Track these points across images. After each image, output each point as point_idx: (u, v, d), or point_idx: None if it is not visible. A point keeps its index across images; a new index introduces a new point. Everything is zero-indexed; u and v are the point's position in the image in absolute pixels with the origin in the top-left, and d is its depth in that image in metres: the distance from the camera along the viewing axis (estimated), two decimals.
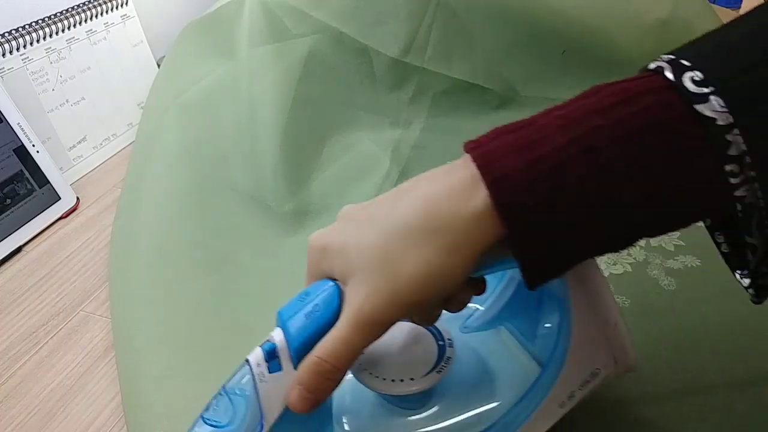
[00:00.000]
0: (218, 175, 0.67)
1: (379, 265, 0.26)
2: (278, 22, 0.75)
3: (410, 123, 0.79)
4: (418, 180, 0.29)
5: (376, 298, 0.26)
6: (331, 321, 0.28)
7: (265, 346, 0.29)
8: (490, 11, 0.77)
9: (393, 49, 0.78)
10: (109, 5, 0.90)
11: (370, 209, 0.29)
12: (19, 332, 0.60)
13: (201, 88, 0.74)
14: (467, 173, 0.26)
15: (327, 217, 0.63)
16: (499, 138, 0.27)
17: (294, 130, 0.69)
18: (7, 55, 0.77)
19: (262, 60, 0.73)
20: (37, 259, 0.70)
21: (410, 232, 0.26)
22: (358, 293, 0.27)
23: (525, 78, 0.81)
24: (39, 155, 0.76)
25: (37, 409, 0.51)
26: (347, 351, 0.27)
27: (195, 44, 0.81)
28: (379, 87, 0.81)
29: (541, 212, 0.24)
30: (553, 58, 0.79)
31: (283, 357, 0.29)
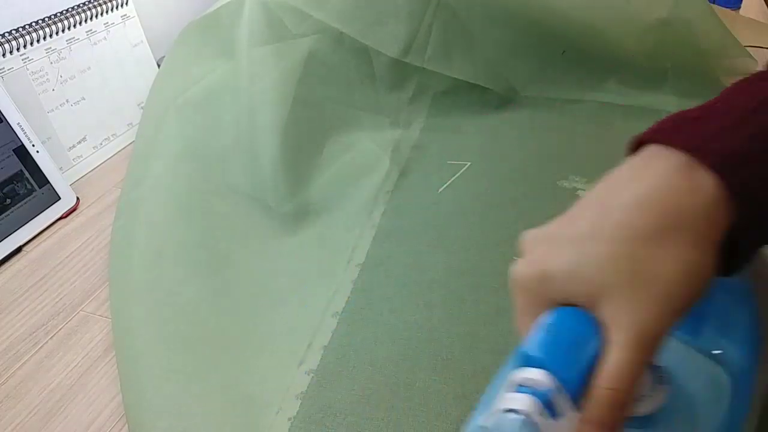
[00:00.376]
0: (218, 175, 0.67)
1: (633, 277, 0.25)
2: (278, 22, 0.75)
3: (410, 123, 0.79)
4: (609, 187, 0.27)
5: (649, 312, 0.24)
6: (597, 349, 0.25)
7: (538, 393, 0.25)
8: (490, 11, 0.77)
9: (393, 49, 0.78)
10: (109, 5, 0.90)
11: (576, 226, 0.27)
12: (19, 332, 0.60)
13: (201, 88, 0.74)
14: (674, 163, 0.25)
15: (327, 217, 0.63)
16: (687, 125, 0.26)
17: (294, 130, 0.69)
18: (7, 55, 0.77)
19: (262, 60, 0.73)
20: (37, 259, 0.70)
21: (649, 237, 0.25)
22: (624, 310, 0.25)
23: (525, 78, 0.81)
24: (39, 155, 0.76)
25: (37, 409, 0.51)
26: (636, 374, 0.25)
27: (195, 44, 0.81)
28: (379, 87, 0.81)
29: None
30: (553, 58, 0.79)
31: (561, 401, 0.25)
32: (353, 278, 0.55)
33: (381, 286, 0.54)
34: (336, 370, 0.46)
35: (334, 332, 0.49)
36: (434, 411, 0.42)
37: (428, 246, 0.58)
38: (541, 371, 0.26)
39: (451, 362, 0.45)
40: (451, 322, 0.49)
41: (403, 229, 0.60)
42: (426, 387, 0.44)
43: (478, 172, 0.67)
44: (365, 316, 0.51)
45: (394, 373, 0.45)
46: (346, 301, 0.52)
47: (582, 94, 0.79)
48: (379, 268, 0.56)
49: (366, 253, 0.58)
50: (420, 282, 0.53)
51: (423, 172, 0.69)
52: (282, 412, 0.43)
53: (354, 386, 0.44)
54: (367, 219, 0.62)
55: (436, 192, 0.65)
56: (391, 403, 0.43)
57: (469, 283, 0.52)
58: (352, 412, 0.42)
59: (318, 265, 0.58)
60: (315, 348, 0.48)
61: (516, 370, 0.27)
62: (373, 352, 0.47)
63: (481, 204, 0.62)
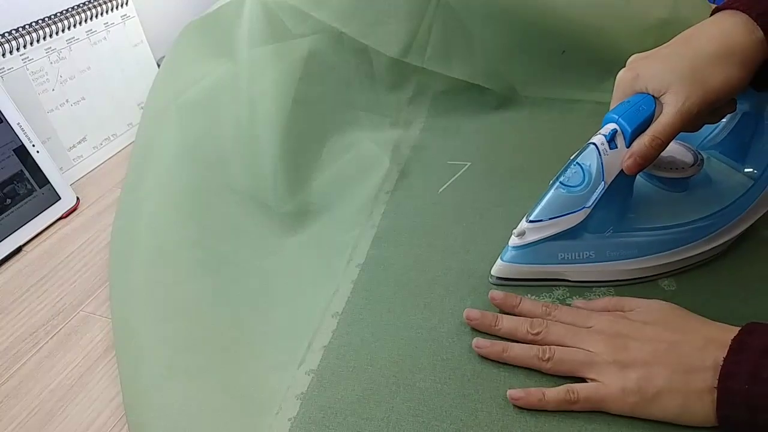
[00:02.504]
0: (218, 175, 0.67)
1: (692, 79, 0.41)
2: (278, 22, 0.75)
3: (410, 123, 0.79)
4: (697, 29, 0.43)
5: (693, 98, 0.41)
6: (650, 116, 0.43)
7: (606, 133, 0.45)
8: (490, 11, 0.77)
9: (393, 49, 0.78)
10: (109, 5, 0.90)
11: (666, 50, 0.44)
12: (19, 332, 0.60)
13: (201, 88, 0.74)
14: (739, 18, 0.41)
15: (327, 217, 0.63)
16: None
17: (294, 130, 0.69)
18: (7, 55, 0.77)
19: (262, 60, 0.73)
20: (37, 259, 0.70)
21: (711, 57, 0.41)
22: (678, 96, 0.41)
23: (525, 78, 0.81)
24: (39, 155, 0.76)
25: (37, 409, 0.51)
26: (672, 131, 0.42)
27: (195, 44, 0.81)
28: (378, 87, 0.81)
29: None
30: (553, 58, 0.79)
31: (619, 139, 0.44)
32: (353, 278, 0.55)
33: (381, 286, 0.54)
34: (336, 370, 0.46)
35: (334, 332, 0.49)
36: (434, 411, 0.42)
37: (428, 246, 0.58)
38: (610, 125, 0.45)
39: (451, 362, 0.45)
40: (451, 322, 0.49)
41: (403, 229, 0.60)
42: (426, 387, 0.44)
43: (478, 172, 0.67)
44: (365, 316, 0.51)
45: (394, 373, 0.45)
46: (346, 301, 0.52)
47: (582, 94, 0.79)
48: (379, 268, 0.56)
49: (366, 253, 0.58)
50: (420, 282, 0.53)
51: (423, 172, 0.69)
52: (282, 413, 0.43)
53: (354, 386, 0.44)
54: (367, 219, 0.62)
55: (436, 192, 0.65)
56: (391, 404, 0.43)
57: (469, 283, 0.52)
58: (353, 412, 0.42)
59: (318, 265, 0.58)
60: (315, 348, 0.48)
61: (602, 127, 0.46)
62: (373, 352, 0.47)
63: (481, 204, 0.62)
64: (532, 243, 0.48)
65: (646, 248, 0.48)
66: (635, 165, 0.44)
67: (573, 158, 0.47)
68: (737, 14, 0.41)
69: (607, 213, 0.47)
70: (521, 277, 0.50)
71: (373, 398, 0.43)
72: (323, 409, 0.43)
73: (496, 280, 0.51)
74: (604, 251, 0.48)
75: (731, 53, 0.41)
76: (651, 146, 0.43)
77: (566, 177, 0.46)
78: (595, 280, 0.49)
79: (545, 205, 0.47)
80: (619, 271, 0.49)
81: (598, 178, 0.45)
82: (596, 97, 0.78)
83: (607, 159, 0.45)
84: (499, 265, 0.51)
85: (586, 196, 0.45)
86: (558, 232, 0.47)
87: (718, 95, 0.41)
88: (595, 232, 0.47)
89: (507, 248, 0.50)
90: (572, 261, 0.48)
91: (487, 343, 0.45)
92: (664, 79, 0.42)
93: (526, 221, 0.48)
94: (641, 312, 0.43)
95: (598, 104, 0.77)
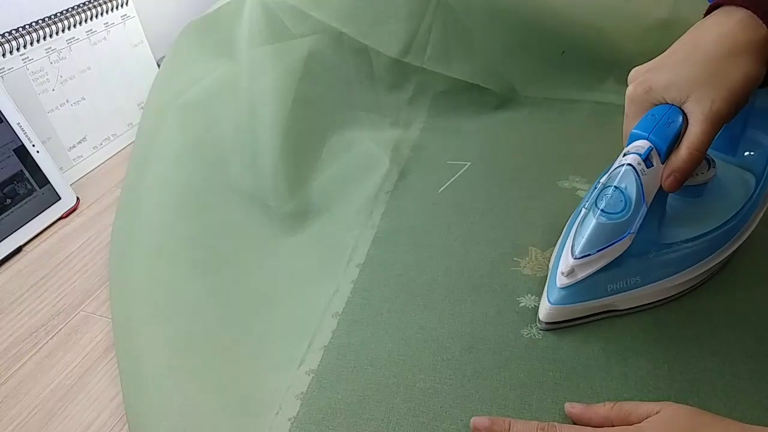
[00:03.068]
0: (218, 175, 0.67)
1: (712, 82, 0.40)
2: (278, 22, 0.75)
3: (410, 123, 0.79)
4: (699, 31, 0.42)
5: (720, 101, 0.39)
6: (680, 128, 0.41)
7: (640, 153, 0.42)
8: (490, 11, 0.77)
9: (392, 49, 0.78)
10: (109, 5, 0.90)
11: (673, 58, 0.43)
12: (19, 332, 0.60)
13: (201, 88, 0.74)
14: (741, 14, 0.40)
15: (327, 217, 0.63)
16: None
17: (294, 130, 0.69)
18: (7, 55, 0.77)
19: (262, 60, 0.73)
20: (37, 259, 0.70)
21: (725, 57, 0.40)
22: (703, 102, 0.40)
23: (524, 78, 0.81)
24: (39, 155, 0.76)
25: (37, 409, 0.51)
26: (706, 141, 0.40)
27: (195, 44, 0.81)
28: (378, 87, 0.81)
29: None
30: (553, 58, 0.79)
31: (654, 157, 0.42)
32: (353, 278, 0.55)
33: (381, 286, 0.54)
34: (336, 370, 0.46)
35: (334, 332, 0.49)
36: (434, 411, 0.42)
37: (428, 246, 0.58)
38: (643, 140, 0.42)
39: (451, 362, 0.45)
40: (451, 322, 0.49)
41: (403, 229, 0.60)
42: (426, 387, 0.44)
43: (478, 172, 0.67)
44: (365, 316, 0.51)
45: (394, 374, 0.45)
46: (346, 301, 0.52)
47: (582, 94, 0.79)
48: (379, 268, 0.56)
49: (366, 253, 0.58)
50: (420, 282, 0.53)
51: (423, 172, 0.69)
52: (282, 413, 0.43)
53: (354, 386, 0.44)
54: (367, 219, 0.62)
55: (436, 192, 0.65)
56: (392, 404, 0.43)
57: (469, 283, 0.52)
58: (353, 412, 0.42)
59: (318, 265, 0.58)
60: (315, 348, 0.48)
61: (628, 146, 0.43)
62: (373, 352, 0.47)
63: (481, 204, 0.62)
64: (581, 280, 0.45)
65: (685, 262, 0.47)
66: (676, 182, 0.42)
67: (606, 182, 0.44)
68: (740, 11, 0.40)
69: (648, 234, 0.45)
70: (573, 317, 0.47)
71: (373, 398, 0.43)
72: (323, 409, 0.43)
73: (545, 326, 0.47)
74: (649, 273, 0.46)
75: (744, 50, 0.40)
76: (689, 160, 0.41)
77: (606, 204, 0.43)
78: (642, 304, 0.48)
79: (590, 238, 0.44)
80: (662, 290, 0.47)
81: (639, 200, 0.42)
82: (596, 97, 0.78)
83: (645, 179, 0.42)
84: (548, 309, 0.46)
85: (629, 220, 0.43)
86: (607, 263, 0.44)
87: (742, 93, 0.40)
88: (638, 255, 0.45)
89: (553, 288, 0.46)
90: (621, 290, 0.46)
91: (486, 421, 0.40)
92: (682, 88, 0.41)
93: (572, 257, 0.45)
94: (655, 424, 0.36)
95: (597, 104, 0.77)
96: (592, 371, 0.43)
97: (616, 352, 0.45)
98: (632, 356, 0.44)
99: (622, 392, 0.42)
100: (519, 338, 0.47)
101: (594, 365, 0.44)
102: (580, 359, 0.45)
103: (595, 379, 0.43)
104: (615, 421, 0.38)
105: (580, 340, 0.46)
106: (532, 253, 0.54)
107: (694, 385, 0.42)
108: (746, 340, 0.45)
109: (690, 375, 0.42)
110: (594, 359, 0.44)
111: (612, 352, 0.45)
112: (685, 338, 0.45)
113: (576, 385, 0.43)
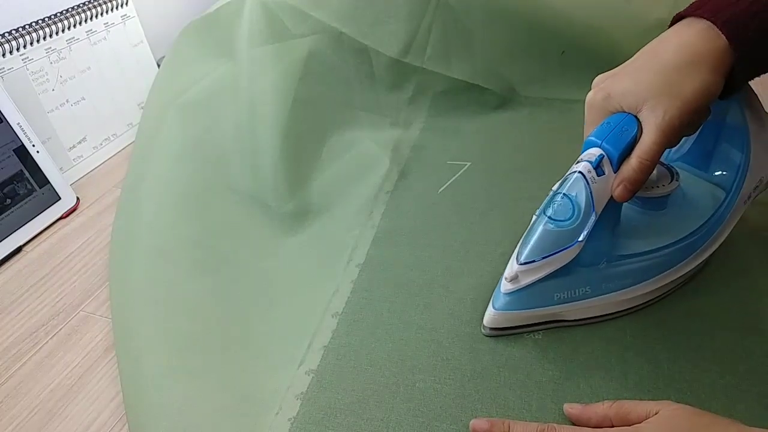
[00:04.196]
0: (218, 175, 0.67)
1: (667, 91, 0.39)
2: (278, 22, 0.75)
3: (410, 123, 0.79)
4: (660, 41, 0.42)
5: (673, 110, 0.39)
6: (635, 136, 0.40)
7: (591, 160, 0.41)
8: (490, 11, 0.77)
9: (392, 49, 0.78)
10: (109, 5, 0.90)
11: (633, 66, 0.43)
12: (19, 332, 0.60)
13: (201, 88, 0.74)
14: (701, 25, 0.40)
15: (327, 217, 0.63)
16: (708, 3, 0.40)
17: (294, 130, 0.69)
18: (7, 55, 0.77)
19: (262, 60, 0.73)
20: (37, 259, 0.70)
21: (682, 67, 0.39)
22: (656, 111, 0.39)
23: (524, 78, 0.81)
24: (39, 155, 0.76)
25: (37, 409, 0.51)
26: (658, 151, 0.40)
27: (195, 44, 0.81)
28: (378, 87, 0.81)
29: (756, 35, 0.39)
30: (553, 58, 0.79)
31: (606, 165, 0.41)
32: (353, 278, 0.55)
33: (381, 286, 0.54)
34: (336, 370, 0.46)
35: (334, 332, 0.49)
36: (434, 411, 0.42)
37: (428, 246, 0.58)
38: (596, 148, 0.42)
39: (451, 362, 0.45)
40: (451, 322, 0.49)
41: (403, 229, 0.60)
42: (426, 387, 0.44)
43: (478, 172, 0.67)
44: (365, 316, 0.51)
45: (394, 374, 0.45)
46: (346, 301, 0.52)
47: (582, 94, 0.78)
48: (379, 268, 0.56)
49: (366, 253, 0.58)
50: (420, 282, 0.53)
51: (423, 172, 0.69)
52: (282, 413, 0.43)
53: (354, 386, 0.44)
54: (367, 219, 0.62)
55: (436, 192, 0.65)
56: (392, 404, 0.43)
57: (469, 283, 0.52)
58: (353, 412, 0.42)
59: (318, 265, 0.58)
60: (315, 348, 0.48)
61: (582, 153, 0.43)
62: (373, 352, 0.47)
63: (481, 204, 0.62)
64: (526, 286, 0.44)
65: (641, 274, 0.46)
66: (626, 191, 0.41)
67: (556, 189, 0.43)
68: (700, 21, 0.40)
69: (599, 243, 0.44)
70: (517, 324, 0.46)
71: (373, 398, 0.43)
72: (323, 409, 0.43)
73: (489, 331, 0.47)
74: (599, 284, 0.45)
75: (701, 60, 0.39)
76: (640, 170, 0.40)
77: (554, 211, 0.42)
78: (593, 316, 0.47)
79: (535, 244, 0.43)
80: (615, 302, 0.46)
81: (588, 208, 0.41)
82: None
83: (595, 187, 0.41)
84: (492, 314, 0.46)
85: (578, 229, 0.42)
86: (552, 271, 0.43)
87: (696, 103, 0.39)
88: (589, 265, 0.44)
89: (498, 295, 0.46)
90: (568, 299, 0.45)
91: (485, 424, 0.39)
92: (638, 96, 0.40)
93: (516, 263, 0.44)
94: (654, 424, 0.36)
95: None
96: (592, 371, 0.43)
97: (616, 352, 0.45)
98: (632, 356, 0.44)
99: (622, 392, 0.42)
100: (519, 339, 0.47)
101: (594, 365, 0.44)
102: (580, 359, 0.45)
103: (595, 379, 0.43)
104: (614, 420, 0.38)
105: (580, 340, 0.46)
106: None
107: (694, 385, 0.42)
108: (746, 340, 0.45)
109: (690, 375, 0.42)
110: (594, 359, 0.44)
111: (612, 352, 0.45)
112: (685, 338, 0.45)
113: (576, 385, 0.43)
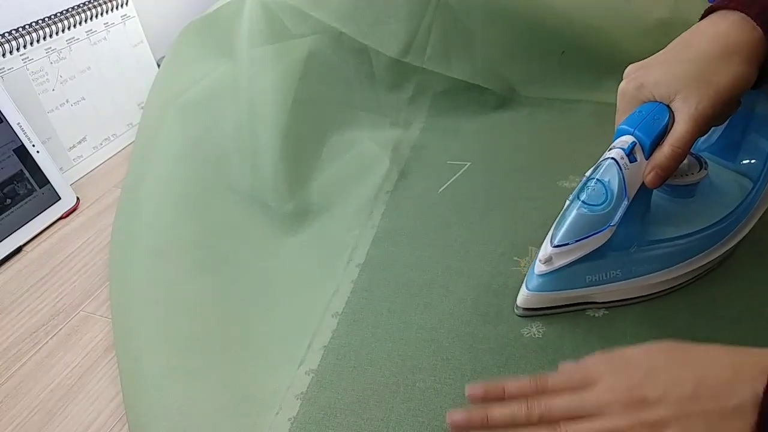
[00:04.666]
0: (218, 175, 0.67)
1: (700, 81, 0.40)
2: (278, 22, 0.75)
3: (410, 123, 0.79)
4: (693, 32, 0.43)
5: (706, 101, 0.40)
6: (666, 125, 0.41)
7: (624, 147, 0.43)
8: (490, 11, 0.77)
9: (392, 49, 0.78)
10: (109, 5, 0.90)
11: (665, 56, 0.44)
12: (19, 332, 0.60)
13: (201, 88, 0.74)
14: (735, 17, 0.41)
15: (327, 217, 0.63)
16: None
17: (294, 130, 0.69)
18: (7, 55, 0.77)
19: (262, 60, 0.73)
20: (37, 259, 0.70)
21: (716, 57, 0.40)
22: (689, 101, 0.40)
23: (524, 78, 0.81)
24: (39, 155, 0.76)
25: (37, 409, 0.51)
26: (690, 139, 0.41)
27: (195, 44, 0.81)
28: (378, 87, 0.81)
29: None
30: (552, 58, 0.79)
31: (638, 153, 0.43)
32: (353, 278, 0.55)
33: (381, 286, 0.54)
34: (336, 370, 0.46)
35: (334, 332, 0.49)
36: (434, 411, 0.42)
37: (428, 246, 0.58)
38: (628, 135, 0.43)
39: (451, 362, 0.45)
40: (451, 322, 0.49)
41: (403, 229, 0.60)
42: (426, 387, 0.44)
43: (478, 172, 0.67)
44: (365, 316, 0.51)
45: (394, 374, 0.45)
46: (346, 301, 0.52)
47: (582, 94, 0.79)
48: (379, 268, 0.56)
49: (366, 253, 0.58)
50: (420, 282, 0.53)
51: (423, 172, 0.69)
52: (282, 413, 0.43)
53: (354, 386, 0.44)
54: (367, 219, 0.62)
55: (436, 192, 0.65)
56: (391, 404, 0.43)
57: (469, 283, 0.52)
58: (353, 412, 0.42)
59: (318, 265, 0.58)
60: (315, 348, 0.48)
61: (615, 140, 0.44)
62: (373, 352, 0.47)
63: (481, 204, 0.62)
64: (559, 268, 0.46)
65: (669, 259, 0.47)
66: (658, 178, 0.42)
67: (590, 174, 0.45)
68: (734, 14, 0.41)
69: (631, 228, 0.45)
70: (550, 305, 0.48)
71: (373, 398, 0.43)
72: (323, 409, 0.43)
73: (523, 311, 0.48)
74: (630, 268, 0.47)
75: (735, 51, 0.40)
76: (672, 157, 0.41)
77: (587, 195, 0.44)
78: (622, 299, 0.48)
79: (569, 227, 0.44)
80: (645, 286, 0.47)
81: (621, 194, 0.43)
82: (596, 97, 0.78)
83: (628, 173, 0.43)
84: (525, 295, 0.47)
85: (610, 213, 0.43)
86: (584, 254, 0.45)
87: (729, 94, 0.40)
88: (620, 249, 0.46)
89: (532, 276, 0.47)
90: (600, 282, 0.47)
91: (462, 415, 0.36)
92: (671, 86, 0.41)
93: (550, 246, 0.45)
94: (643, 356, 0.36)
95: (598, 104, 0.77)
96: None
97: None
98: None
99: None
100: (519, 338, 0.47)
101: None
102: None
103: None
104: None
105: (580, 339, 0.46)
106: (532, 252, 0.54)
107: None
108: (747, 340, 0.45)
109: None
110: None
111: None
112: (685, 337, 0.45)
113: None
